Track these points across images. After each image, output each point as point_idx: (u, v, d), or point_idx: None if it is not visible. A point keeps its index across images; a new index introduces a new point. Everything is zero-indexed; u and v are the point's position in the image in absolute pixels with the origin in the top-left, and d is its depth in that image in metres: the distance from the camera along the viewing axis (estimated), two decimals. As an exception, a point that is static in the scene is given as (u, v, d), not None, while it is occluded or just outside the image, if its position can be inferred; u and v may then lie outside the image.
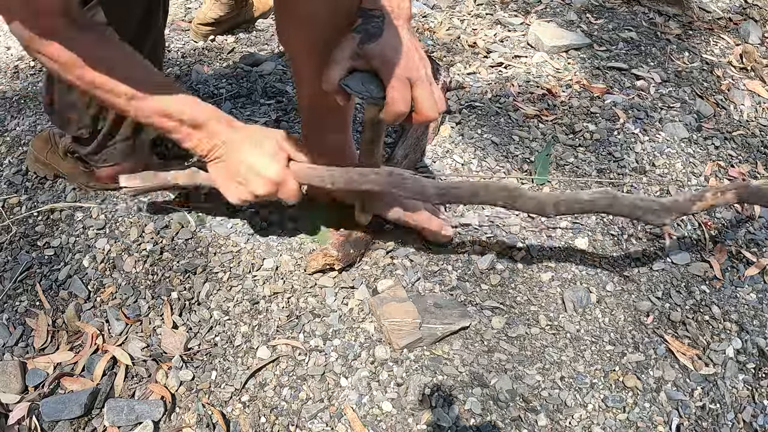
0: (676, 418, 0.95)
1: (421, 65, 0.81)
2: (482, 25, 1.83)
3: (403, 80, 0.79)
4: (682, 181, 1.33)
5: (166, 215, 1.16)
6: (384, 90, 0.80)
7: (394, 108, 0.80)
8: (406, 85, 0.80)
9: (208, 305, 1.05)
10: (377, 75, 0.81)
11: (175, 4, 1.95)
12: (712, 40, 1.82)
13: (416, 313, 0.99)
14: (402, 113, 0.81)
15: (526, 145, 1.38)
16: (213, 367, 0.97)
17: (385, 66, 0.79)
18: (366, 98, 0.81)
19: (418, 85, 0.80)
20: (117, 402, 0.91)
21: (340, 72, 0.81)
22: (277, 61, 1.65)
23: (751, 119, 1.55)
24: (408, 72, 0.79)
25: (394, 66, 0.79)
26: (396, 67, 0.79)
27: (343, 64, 0.80)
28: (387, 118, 0.82)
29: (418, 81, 0.80)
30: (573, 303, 1.07)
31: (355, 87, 0.81)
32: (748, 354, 1.04)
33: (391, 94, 0.79)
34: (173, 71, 1.61)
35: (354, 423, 0.90)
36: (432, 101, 0.82)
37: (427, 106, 0.82)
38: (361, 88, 0.81)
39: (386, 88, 0.80)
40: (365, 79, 0.81)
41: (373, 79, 0.81)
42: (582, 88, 1.57)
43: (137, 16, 1.01)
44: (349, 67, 0.81)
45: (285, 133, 0.92)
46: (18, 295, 1.07)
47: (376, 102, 0.82)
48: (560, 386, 0.97)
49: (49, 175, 1.25)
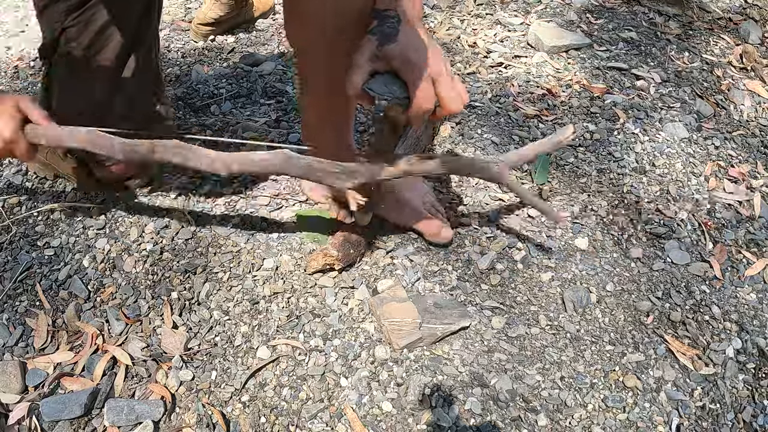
0: (676, 418, 0.95)
1: (440, 61, 0.81)
2: (482, 25, 1.83)
3: (426, 78, 0.79)
4: (682, 181, 1.33)
5: (166, 215, 1.17)
6: (407, 90, 0.80)
7: (420, 107, 0.80)
8: (429, 83, 0.80)
9: (208, 305, 1.05)
10: (398, 76, 0.81)
11: (175, 4, 1.95)
12: (712, 40, 1.82)
13: (416, 313, 0.99)
14: (428, 111, 0.81)
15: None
16: (213, 367, 0.97)
17: (406, 66, 0.79)
18: (390, 100, 0.81)
19: (440, 82, 0.80)
20: (117, 402, 0.91)
21: (362, 76, 0.80)
22: (277, 61, 1.65)
23: (751, 119, 1.55)
24: (429, 69, 0.79)
25: (415, 65, 0.79)
26: (417, 66, 0.79)
27: (365, 68, 0.80)
28: (414, 116, 0.82)
29: (440, 77, 0.80)
30: (573, 303, 1.07)
31: (379, 90, 0.80)
32: (748, 354, 1.04)
33: (416, 93, 0.79)
34: (173, 71, 1.61)
35: (354, 423, 0.90)
36: (456, 95, 0.82)
37: (452, 102, 0.82)
38: (385, 90, 0.80)
39: (409, 88, 0.80)
40: (388, 81, 0.81)
41: (395, 80, 0.81)
42: (582, 88, 1.57)
43: (138, 12, 1.01)
44: (371, 70, 0.81)
45: (27, 98, 0.91)
46: (18, 295, 1.07)
47: (401, 102, 0.81)
48: (560, 386, 0.97)
49: (49, 175, 1.25)
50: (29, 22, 1.85)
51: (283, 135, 1.37)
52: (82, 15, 0.97)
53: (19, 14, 1.91)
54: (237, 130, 1.37)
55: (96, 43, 1.00)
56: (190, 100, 1.48)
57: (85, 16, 0.98)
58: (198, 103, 1.48)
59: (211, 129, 1.37)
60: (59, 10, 0.98)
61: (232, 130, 1.37)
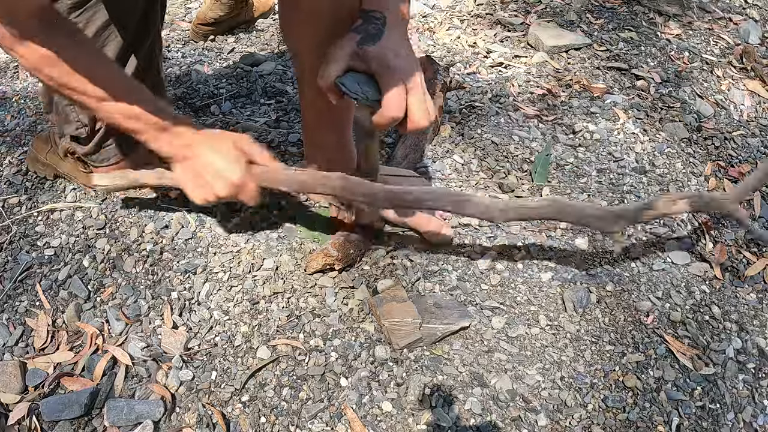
0: (676, 418, 0.95)
1: (418, 71, 0.80)
2: (482, 25, 1.83)
3: (401, 86, 0.78)
4: (682, 181, 1.33)
5: (166, 215, 1.17)
6: (380, 93, 0.79)
7: (389, 113, 0.79)
8: (403, 91, 0.79)
9: (208, 305, 1.05)
10: (373, 77, 0.80)
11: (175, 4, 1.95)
12: (712, 40, 1.82)
13: (416, 313, 0.99)
14: (396, 118, 0.80)
15: (526, 145, 1.38)
16: (213, 367, 0.97)
17: (384, 69, 0.78)
18: (361, 100, 0.80)
19: (412, 92, 0.79)
20: (117, 402, 0.91)
21: (336, 70, 0.80)
22: (277, 61, 1.65)
23: (751, 119, 1.55)
24: (405, 78, 0.78)
25: (393, 70, 0.78)
26: (395, 71, 0.78)
27: (341, 63, 0.79)
28: (381, 122, 0.81)
29: (414, 88, 0.79)
30: (573, 303, 1.07)
31: (351, 87, 0.79)
32: (748, 354, 1.04)
33: (388, 98, 0.78)
34: (173, 71, 1.61)
35: (354, 423, 0.90)
36: (424, 109, 0.80)
37: (420, 115, 0.80)
38: (357, 89, 0.79)
39: (382, 92, 0.79)
40: (361, 81, 0.80)
41: (369, 81, 0.80)
42: (582, 88, 1.57)
43: (139, 12, 1.01)
44: (347, 67, 0.80)
45: (248, 138, 0.93)
46: (18, 295, 1.07)
47: (371, 105, 0.81)
48: (560, 386, 0.97)
49: (49, 175, 1.25)
50: (29, 22, 1.85)
51: (283, 135, 1.37)
52: (83, 14, 0.98)
53: (19, 14, 1.91)
54: (237, 130, 1.37)
55: (97, 41, 1.00)
56: (190, 100, 1.48)
57: (85, 15, 0.98)
58: (198, 103, 1.48)
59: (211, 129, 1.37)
60: (60, 8, 0.98)
61: (232, 130, 1.37)
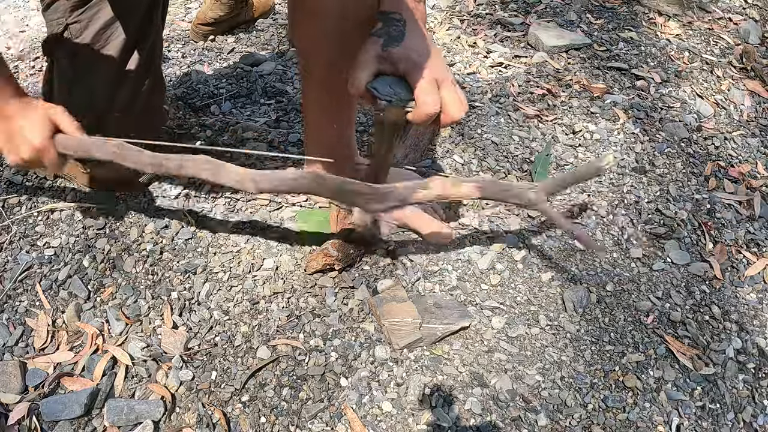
0: (676, 418, 0.95)
1: (444, 66, 0.81)
2: (482, 25, 1.83)
3: (432, 82, 0.79)
4: (682, 181, 1.33)
5: (166, 215, 1.17)
6: (412, 93, 0.80)
7: (425, 110, 0.79)
8: (434, 86, 0.79)
9: (208, 305, 1.05)
10: (403, 78, 0.80)
11: (175, 4, 1.95)
12: (712, 40, 1.82)
13: (416, 313, 0.99)
14: (433, 114, 0.80)
15: (526, 145, 1.38)
16: (213, 367, 0.97)
17: (413, 69, 0.78)
18: (394, 101, 0.80)
19: (443, 86, 0.80)
20: (117, 402, 0.91)
21: (366, 75, 0.80)
22: (277, 61, 1.65)
23: (751, 119, 1.55)
24: (435, 73, 0.79)
25: (421, 68, 0.78)
26: (424, 69, 0.78)
27: (370, 68, 0.79)
28: (417, 120, 0.81)
29: (444, 81, 0.80)
30: (573, 303, 1.07)
31: (383, 90, 0.80)
32: (748, 354, 1.04)
33: (421, 96, 0.79)
34: (173, 71, 1.61)
35: (354, 423, 0.90)
36: (458, 101, 0.81)
37: (455, 107, 0.81)
38: (389, 91, 0.80)
39: (414, 91, 0.79)
40: (392, 83, 0.80)
41: (399, 82, 0.80)
42: (582, 88, 1.57)
43: (142, 10, 1.01)
44: (375, 71, 0.80)
45: (61, 109, 0.92)
46: (18, 295, 1.07)
47: (404, 105, 0.81)
48: (560, 386, 0.97)
49: (49, 175, 1.25)
50: (29, 22, 1.85)
51: (283, 135, 1.37)
52: (86, 12, 0.98)
53: (19, 14, 1.91)
54: (237, 130, 1.37)
55: (99, 39, 1.00)
56: (190, 100, 1.48)
57: (89, 13, 0.98)
58: (198, 103, 1.48)
59: (211, 129, 1.37)
60: (64, 6, 0.98)
61: (232, 130, 1.37)
